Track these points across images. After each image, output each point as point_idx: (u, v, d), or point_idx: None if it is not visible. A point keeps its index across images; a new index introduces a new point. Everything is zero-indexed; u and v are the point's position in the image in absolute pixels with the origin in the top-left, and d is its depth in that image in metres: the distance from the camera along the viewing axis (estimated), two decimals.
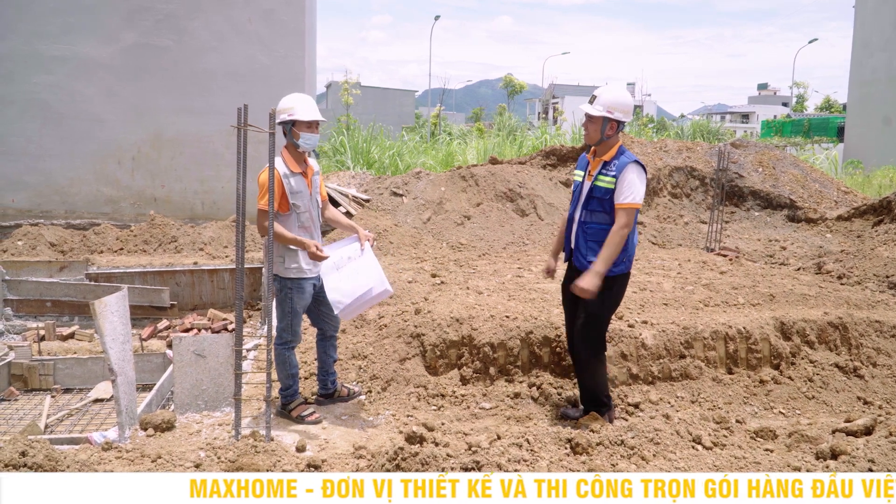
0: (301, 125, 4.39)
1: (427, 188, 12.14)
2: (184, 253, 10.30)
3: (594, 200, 4.34)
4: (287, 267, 4.49)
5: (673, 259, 8.80)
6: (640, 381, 5.21)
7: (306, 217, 4.52)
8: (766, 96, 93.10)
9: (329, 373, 4.97)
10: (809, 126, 38.02)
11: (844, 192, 13.59)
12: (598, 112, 4.27)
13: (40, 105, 10.99)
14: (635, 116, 43.32)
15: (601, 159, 4.40)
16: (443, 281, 7.07)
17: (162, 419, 4.26)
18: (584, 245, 4.38)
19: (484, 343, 5.26)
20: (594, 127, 4.34)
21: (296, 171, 4.46)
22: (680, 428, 3.49)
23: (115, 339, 4.03)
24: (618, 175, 4.28)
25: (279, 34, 11.71)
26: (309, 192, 4.53)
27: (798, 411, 5.10)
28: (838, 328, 5.80)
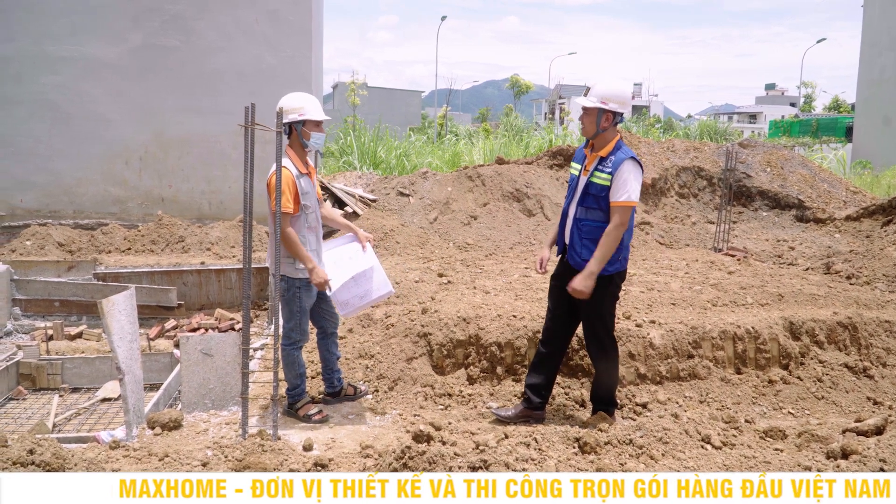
0: (311, 125, 4.39)
1: (434, 188, 12.14)
2: (191, 253, 10.32)
3: (590, 197, 4.26)
4: (297, 268, 4.48)
5: (680, 259, 8.77)
6: (648, 380, 5.18)
7: (313, 217, 4.53)
8: (773, 96, 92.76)
9: (334, 370, 4.97)
10: (818, 126, 37.86)
11: (853, 192, 13.52)
12: (591, 103, 4.19)
13: (48, 105, 11.03)
14: (642, 116, 43.09)
15: (598, 154, 4.29)
16: (450, 280, 7.06)
17: (169, 418, 4.26)
18: (580, 242, 4.29)
19: (491, 342, 5.25)
20: (589, 119, 4.24)
21: (303, 171, 4.46)
22: (689, 427, 3.47)
23: (122, 338, 4.04)
24: (614, 172, 4.18)
25: (286, 34, 11.72)
26: (314, 193, 4.55)
27: (807, 412, 5.07)
28: (848, 328, 5.76)
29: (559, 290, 4.50)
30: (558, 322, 4.60)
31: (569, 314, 4.55)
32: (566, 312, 4.56)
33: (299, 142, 4.45)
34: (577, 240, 4.30)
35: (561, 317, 4.58)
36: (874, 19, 24.67)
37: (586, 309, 4.37)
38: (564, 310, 4.54)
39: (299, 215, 4.42)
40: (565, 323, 4.61)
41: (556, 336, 4.63)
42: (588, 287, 4.12)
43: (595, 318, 4.41)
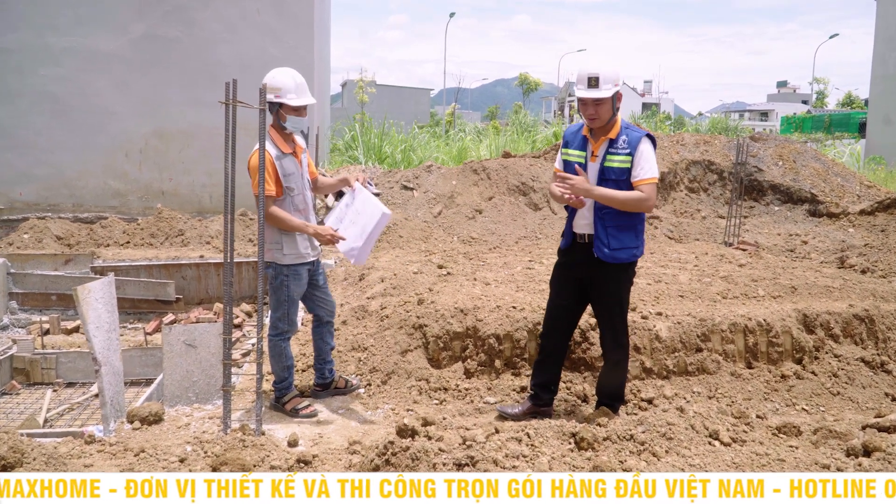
0: (289, 108, 4.22)
1: (438, 182, 11.93)
2: (190, 246, 10.17)
3: (609, 183, 3.99)
4: (285, 253, 4.32)
5: (690, 252, 8.52)
6: (654, 375, 4.95)
7: (300, 199, 4.35)
8: (785, 94, 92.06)
9: (326, 361, 4.78)
10: (830, 122, 37.42)
11: (867, 186, 13.22)
12: (609, 93, 3.91)
13: (49, 98, 10.92)
14: (652, 114, 42.94)
15: (606, 137, 4.04)
16: (449, 272, 6.85)
17: (149, 412, 4.08)
18: (604, 232, 4.02)
19: (489, 335, 5.03)
20: (605, 108, 3.95)
21: (286, 151, 4.28)
22: (695, 422, 3.24)
23: (99, 328, 3.86)
24: (633, 152, 3.95)
25: (289, 25, 11.57)
26: (300, 173, 4.36)
27: (822, 408, 4.83)
28: (864, 321, 5.50)
29: (567, 278, 4.30)
30: (562, 312, 4.37)
31: (576, 303, 4.34)
32: (573, 301, 4.34)
33: (278, 123, 4.29)
34: (602, 229, 4.03)
35: (566, 306, 4.35)
36: (888, 14, 24.29)
37: (608, 295, 4.17)
38: (571, 299, 4.32)
39: (284, 198, 4.24)
40: (570, 312, 4.39)
41: (559, 328, 4.41)
42: (582, 192, 3.92)
43: (615, 305, 4.19)
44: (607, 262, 4.04)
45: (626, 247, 4.05)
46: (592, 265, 4.10)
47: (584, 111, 4.02)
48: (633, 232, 4.08)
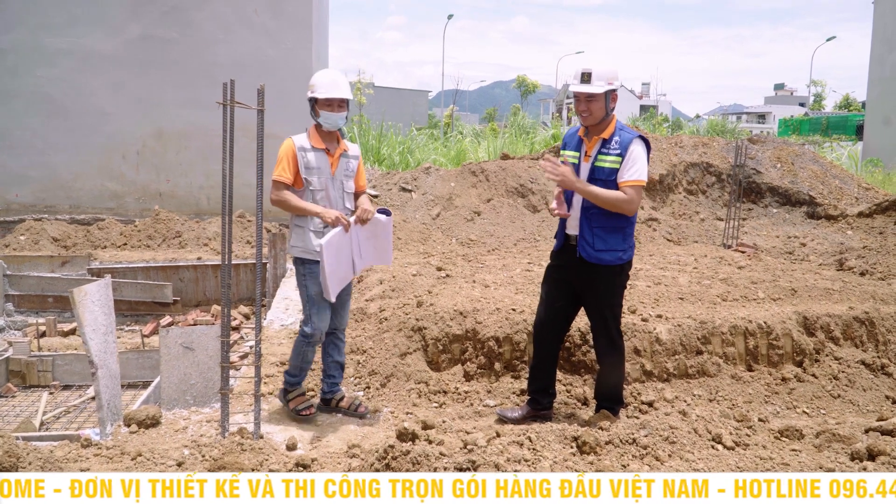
0: (321, 103, 4.16)
1: (437, 184, 11.91)
2: (188, 248, 10.14)
3: (598, 182, 3.98)
4: (293, 245, 4.24)
5: (688, 255, 8.50)
6: (655, 378, 4.93)
7: (322, 196, 4.20)
8: (782, 96, 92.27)
9: (327, 375, 4.57)
10: (828, 124, 37.48)
11: (865, 188, 13.23)
12: (601, 88, 3.92)
13: (45, 98, 10.86)
14: (650, 116, 42.97)
15: (599, 137, 4.04)
16: (448, 274, 6.83)
17: (146, 415, 4.04)
18: (590, 232, 4.02)
19: (489, 337, 5.00)
20: (597, 105, 3.96)
21: (318, 146, 4.20)
22: (698, 426, 3.21)
23: (95, 330, 3.82)
24: (623, 153, 3.94)
25: (286, 26, 11.53)
26: (331, 172, 4.23)
27: (823, 411, 4.81)
28: (864, 323, 5.49)
29: (559, 280, 4.28)
30: (556, 314, 4.35)
31: (568, 304, 4.32)
32: (567, 303, 4.31)
33: (315, 120, 4.26)
34: (588, 230, 4.03)
35: (560, 308, 4.33)
36: (885, 16, 24.32)
37: (598, 299, 4.15)
38: (564, 300, 4.30)
39: (303, 191, 4.17)
40: (563, 315, 4.37)
41: (553, 331, 4.39)
42: (568, 184, 3.91)
43: (606, 309, 4.17)
44: (595, 265, 4.02)
45: (611, 249, 4.03)
46: (582, 268, 4.09)
47: (577, 107, 4.04)
48: (621, 235, 4.06)
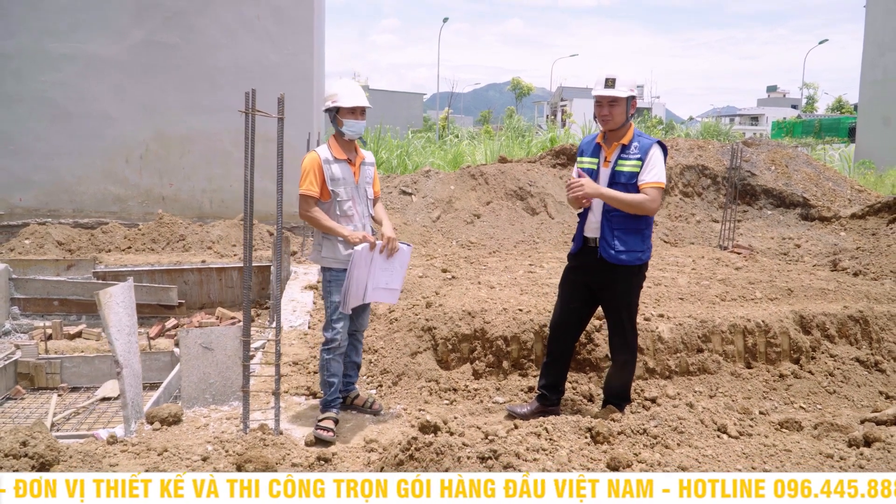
0: (345, 112, 4.23)
1: (436, 187, 12.06)
2: (192, 251, 10.24)
3: (619, 186, 4.15)
4: (323, 255, 4.30)
5: (686, 256, 8.68)
6: (657, 375, 5.09)
7: (349, 206, 4.28)
8: (775, 98, 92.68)
9: (345, 374, 4.63)
10: (820, 127, 37.78)
11: (858, 190, 13.44)
12: (624, 94, 4.10)
13: (49, 103, 10.95)
14: (644, 118, 43.26)
15: (619, 143, 4.21)
16: (454, 276, 6.98)
17: (168, 413, 4.17)
18: (611, 234, 4.17)
19: (497, 336, 5.15)
20: (619, 110, 4.13)
21: (340, 157, 4.28)
22: (704, 417, 3.37)
23: (120, 331, 3.95)
24: (643, 157, 4.12)
25: (288, 31, 11.64)
26: (354, 181, 4.32)
27: (819, 406, 4.97)
28: (859, 322, 5.66)
29: (576, 282, 4.43)
30: (572, 315, 4.50)
31: (585, 305, 4.48)
32: (583, 304, 4.47)
33: (337, 129, 4.33)
34: (609, 231, 4.18)
35: (575, 309, 4.49)
36: (877, 19, 24.57)
37: (616, 298, 4.29)
38: (580, 302, 4.46)
39: (330, 202, 4.24)
40: (579, 316, 4.52)
41: (568, 331, 4.54)
42: (588, 194, 4.07)
43: (623, 308, 4.31)
44: (615, 265, 4.16)
45: (631, 250, 4.17)
46: (602, 269, 4.22)
47: (599, 111, 4.19)
48: (640, 236, 4.21)
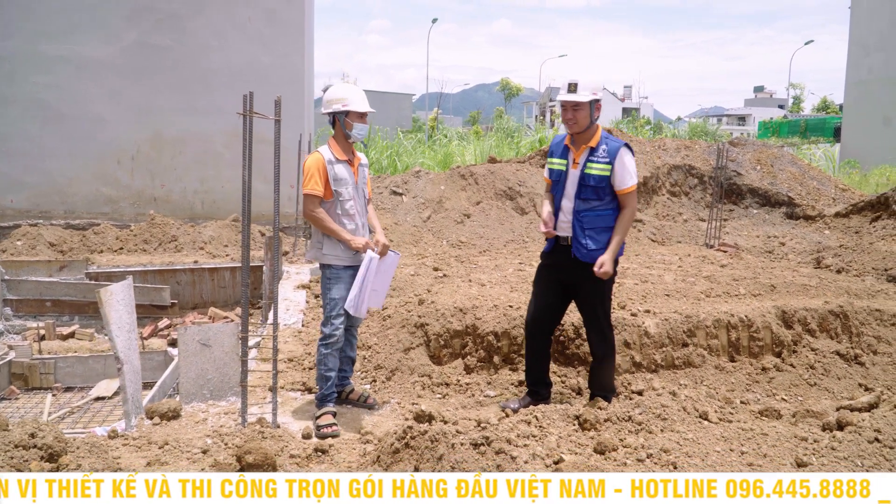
0: (354, 115, 4.37)
1: (427, 187, 12.17)
2: (184, 252, 10.30)
3: (588, 189, 4.28)
4: (324, 253, 4.42)
5: (673, 254, 8.84)
6: (644, 368, 5.23)
7: (351, 205, 4.43)
8: (762, 99, 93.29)
9: (340, 369, 4.73)
10: (806, 126, 38.16)
11: (842, 189, 13.64)
12: (586, 98, 4.21)
13: (41, 105, 11.00)
14: (632, 119, 43.50)
15: (586, 146, 4.32)
16: (445, 274, 7.10)
17: (168, 408, 4.27)
18: (582, 233, 4.31)
19: (488, 332, 5.28)
20: (583, 114, 4.24)
21: (342, 158, 4.42)
22: (687, 405, 3.51)
23: (120, 328, 4.05)
24: (612, 161, 4.23)
25: (280, 34, 11.74)
26: (354, 182, 4.47)
27: (800, 397, 5.12)
28: (839, 316, 5.82)
29: (550, 279, 4.56)
30: (546, 311, 4.64)
31: (558, 302, 4.61)
32: (557, 301, 4.61)
33: (342, 132, 4.44)
34: (580, 232, 4.31)
35: (550, 305, 4.62)
36: (861, 20, 24.85)
37: (590, 294, 4.42)
38: (554, 298, 4.59)
39: (333, 201, 4.37)
40: (553, 311, 4.66)
41: (544, 327, 4.68)
42: (611, 268, 4.20)
43: (598, 304, 4.45)
44: (589, 263, 4.29)
45: (603, 247, 4.30)
46: (575, 266, 4.36)
47: (564, 116, 4.32)
48: (610, 233, 4.34)
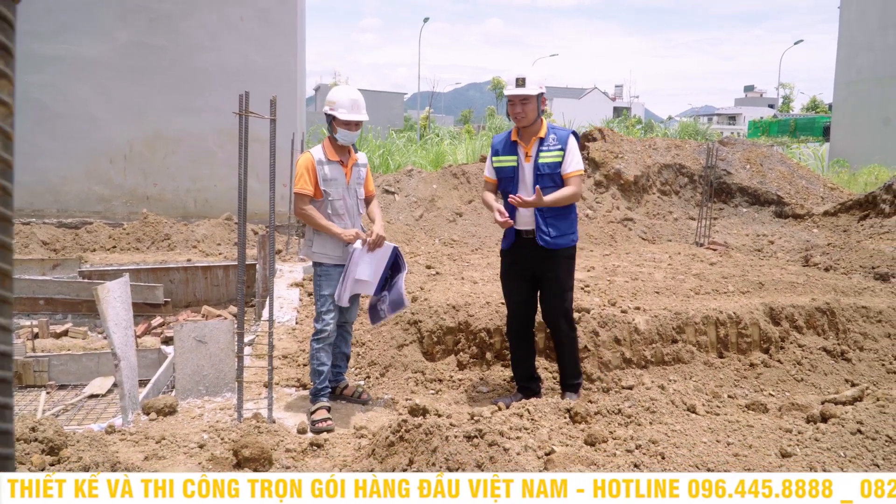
0: (340, 122, 4.45)
1: (419, 186, 12.23)
2: (177, 251, 10.32)
3: (545, 178, 4.42)
4: (314, 251, 4.50)
5: (663, 252, 8.93)
6: (634, 365, 5.31)
7: (340, 205, 4.50)
8: (752, 98, 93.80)
9: (334, 365, 4.81)
10: (796, 126, 38.43)
11: (831, 188, 13.77)
12: (535, 91, 4.35)
13: (34, 104, 10.96)
14: (623, 118, 43.68)
15: (536, 137, 4.48)
16: (438, 272, 7.16)
17: (164, 403, 4.32)
18: (545, 223, 4.45)
19: (480, 329, 5.35)
20: (531, 107, 4.39)
21: (333, 159, 4.48)
22: (675, 398, 3.59)
23: (117, 325, 4.09)
24: (564, 147, 4.41)
25: (273, 33, 11.76)
26: (346, 182, 4.53)
27: (787, 393, 5.21)
28: (826, 313, 5.91)
29: (516, 275, 4.68)
30: (523, 307, 4.76)
31: (530, 296, 4.74)
32: (529, 295, 4.73)
33: (331, 134, 4.54)
34: (542, 222, 4.45)
35: (526, 300, 4.74)
36: (851, 20, 25.07)
37: (558, 281, 4.56)
38: (527, 293, 4.72)
39: (322, 201, 4.45)
40: (527, 306, 4.77)
41: (523, 322, 4.80)
42: (536, 205, 4.31)
43: (568, 290, 4.62)
44: (554, 250, 4.46)
45: (564, 234, 4.50)
46: (540, 257, 4.51)
47: (512, 110, 4.47)
48: (568, 220, 4.54)
